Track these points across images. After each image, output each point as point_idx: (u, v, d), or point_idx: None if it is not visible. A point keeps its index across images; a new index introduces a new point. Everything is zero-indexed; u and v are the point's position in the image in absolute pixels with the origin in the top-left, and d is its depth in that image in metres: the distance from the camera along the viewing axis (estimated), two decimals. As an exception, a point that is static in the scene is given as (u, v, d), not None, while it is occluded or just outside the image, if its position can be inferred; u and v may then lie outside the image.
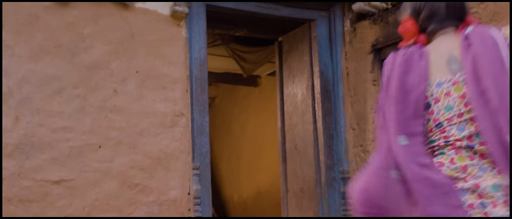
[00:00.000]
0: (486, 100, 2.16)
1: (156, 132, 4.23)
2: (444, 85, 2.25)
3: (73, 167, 3.99)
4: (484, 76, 2.15)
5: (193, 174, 4.32)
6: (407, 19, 2.37)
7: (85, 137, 4.05)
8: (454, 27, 2.34)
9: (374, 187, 2.26)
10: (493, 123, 2.15)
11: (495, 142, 2.15)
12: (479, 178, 2.19)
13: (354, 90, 4.93)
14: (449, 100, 2.24)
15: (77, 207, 3.98)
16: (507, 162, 2.13)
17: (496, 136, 2.15)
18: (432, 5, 2.34)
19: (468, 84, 2.19)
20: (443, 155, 2.24)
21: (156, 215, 4.17)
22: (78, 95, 4.07)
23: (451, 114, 2.24)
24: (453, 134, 2.22)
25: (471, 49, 2.20)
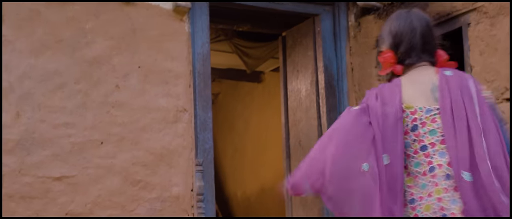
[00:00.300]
0: (457, 137, 2.42)
1: (159, 127, 4.19)
2: (432, 112, 2.47)
3: (74, 163, 3.95)
4: (459, 118, 2.42)
5: (196, 170, 4.27)
6: (386, 51, 2.59)
7: (87, 132, 4.01)
8: (428, 62, 2.59)
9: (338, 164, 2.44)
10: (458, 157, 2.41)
11: (459, 175, 2.39)
12: (448, 210, 2.38)
13: (358, 85, 4.89)
14: (434, 126, 2.45)
15: (79, 203, 3.94)
16: (467, 195, 2.36)
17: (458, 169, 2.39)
18: (410, 41, 2.55)
19: (444, 118, 2.44)
20: (423, 188, 2.42)
21: (158, 211, 4.12)
22: (79, 90, 4.03)
23: (434, 138, 2.45)
24: (435, 159, 2.42)
25: (451, 92, 2.46)
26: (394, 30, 2.60)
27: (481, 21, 4.10)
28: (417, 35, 2.57)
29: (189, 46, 4.38)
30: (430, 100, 2.50)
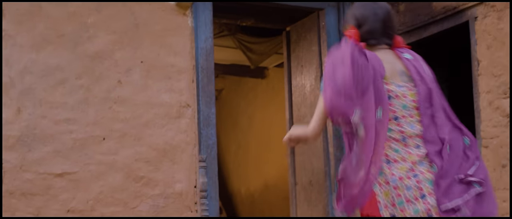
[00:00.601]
0: (430, 111, 2.76)
1: (162, 123, 4.15)
2: (402, 88, 2.76)
3: (76, 160, 3.92)
4: (432, 94, 2.78)
5: (199, 167, 4.24)
6: (351, 28, 2.85)
7: (88, 128, 3.97)
8: (387, 45, 2.86)
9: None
10: (434, 129, 2.74)
11: (433, 144, 2.72)
12: (420, 174, 2.68)
13: None
14: (405, 100, 2.75)
15: (80, 200, 3.90)
16: (440, 158, 2.68)
17: (435, 139, 2.73)
18: (373, 24, 2.84)
19: (418, 95, 2.76)
20: (397, 152, 2.72)
21: (161, 208, 4.09)
22: (81, 86, 3.99)
23: (405, 112, 2.74)
24: (406, 129, 2.72)
25: (418, 71, 2.82)
26: (359, 14, 2.88)
27: (488, 15, 4.04)
28: (378, 20, 2.85)
29: (192, 41, 4.33)
30: (398, 79, 2.77)
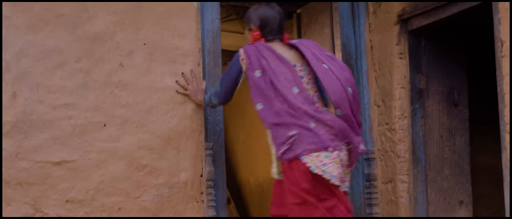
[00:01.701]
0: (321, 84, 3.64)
1: (166, 109, 3.98)
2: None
3: (75, 147, 3.74)
4: (319, 70, 3.60)
5: (206, 155, 4.07)
6: (256, 30, 3.78)
7: (88, 114, 3.79)
8: (279, 39, 3.78)
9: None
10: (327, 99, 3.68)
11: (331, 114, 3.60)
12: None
13: (378, 64, 4.63)
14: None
15: (80, 190, 3.73)
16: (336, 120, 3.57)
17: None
18: (273, 25, 3.75)
19: (309, 74, 3.67)
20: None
21: (166, 198, 3.92)
22: (80, 69, 3.80)
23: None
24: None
25: (307, 53, 3.67)
26: (263, 16, 3.75)
27: (512, -7, 3.79)
28: (277, 22, 3.74)
29: (198, 22, 4.14)
30: (293, 60, 3.66)
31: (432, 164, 4.47)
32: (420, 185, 4.43)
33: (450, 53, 4.61)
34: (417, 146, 4.43)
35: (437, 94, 4.53)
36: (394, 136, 4.45)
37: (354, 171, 4.52)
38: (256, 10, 3.77)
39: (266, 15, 3.73)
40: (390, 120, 4.49)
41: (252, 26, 3.77)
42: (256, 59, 3.64)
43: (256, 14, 3.75)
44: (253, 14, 3.76)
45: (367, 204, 4.57)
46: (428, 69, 4.52)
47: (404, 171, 4.41)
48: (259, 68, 3.62)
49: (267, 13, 3.75)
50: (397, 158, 4.42)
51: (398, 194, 4.42)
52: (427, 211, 4.41)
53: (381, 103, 4.58)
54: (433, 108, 4.51)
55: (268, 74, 3.57)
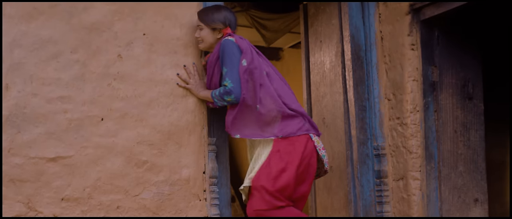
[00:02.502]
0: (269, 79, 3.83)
1: (167, 102, 3.84)
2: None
3: (71, 142, 3.59)
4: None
5: (208, 150, 3.93)
6: (227, 29, 3.87)
7: (85, 108, 3.64)
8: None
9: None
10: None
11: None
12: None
13: (389, 56, 4.47)
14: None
15: (76, 187, 3.59)
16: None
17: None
18: (234, 25, 3.91)
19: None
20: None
21: (166, 196, 3.78)
22: (77, 60, 3.65)
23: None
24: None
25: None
26: (229, 18, 3.86)
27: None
28: (235, 21, 3.90)
29: (200, 12, 3.98)
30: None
31: (446, 160, 4.34)
32: (433, 182, 4.30)
33: (464, 44, 4.46)
34: (430, 141, 4.30)
35: (450, 87, 4.39)
36: (405, 130, 4.31)
37: (364, 167, 4.39)
38: (220, 11, 3.84)
39: (230, 17, 3.87)
40: (402, 114, 4.35)
41: (219, 26, 3.82)
42: (248, 47, 3.77)
43: (221, 15, 3.82)
44: (217, 15, 3.82)
45: (377, 202, 4.44)
46: (441, 61, 4.37)
47: (417, 167, 4.28)
48: (252, 56, 3.75)
49: (231, 15, 3.89)
50: (409, 153, 4.29)
51: (410, 191, 4.29)
52: (440, 210, 4.28)
53: (391, 97, 4.43)
54: (447, 102, 4.38)
55: (260, 62, 3.78)
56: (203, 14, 3.83)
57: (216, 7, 3.87)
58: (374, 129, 4.48)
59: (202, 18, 3.82)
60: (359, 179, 4.41)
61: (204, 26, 3.82)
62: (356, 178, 4.42)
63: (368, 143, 4.47)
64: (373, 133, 4.48)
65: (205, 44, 3.85)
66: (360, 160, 4.42)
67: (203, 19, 3.82)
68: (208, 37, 3.84)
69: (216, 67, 3.77)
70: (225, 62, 3.71)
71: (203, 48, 3.88)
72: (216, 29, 3.84)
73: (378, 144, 4.44)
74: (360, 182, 4.41)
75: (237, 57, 3.71)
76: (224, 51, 3.72)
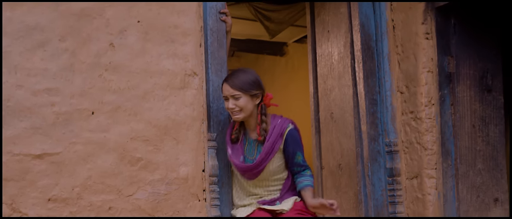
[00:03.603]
0: None
1: (163, 94, 3.64)
2: None
3: (59, 138, 3.39)
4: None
5: (208, 147, 3.74)
6: (268, 95, 3.81)
7: (74, 100, 3.44)
8: None
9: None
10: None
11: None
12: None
13: (401, 46, 4.29)
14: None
15: (64, 187, 3.38)
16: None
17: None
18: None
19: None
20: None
21: (163, 196, 3.58)
22: (65, 49, 3.44)
23: None
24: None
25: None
26: (260, 79, 3.76)
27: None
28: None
29: (200, -2, 3.81)
30: None
31: (464, 157, 4.18)
32: (450, 180, 4.15)
33: (482, 33, 4.29)
34: (447, 136, 4.16)
35: (468, 79, 4.23)
36: (420, 125, 4.17)
37: (375, 165, 4.26)
38: (251, 74, 3.76)
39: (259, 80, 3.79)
40: (416, 108, 4.20)
41: (259, 91, 3.73)
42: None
43: (256, 79, 3.74)
44: (253, 80, 3.73)
45: (389, 202, 4.27)
46: (458, 50, 4.20)
47: (432, 165, 4.13)
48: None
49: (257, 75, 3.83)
50: (424, 150, 4.14)
51: (425, 191, 4.14)
52: (458, 210, 4.14)
53: (404, 89, 4.28)
54: (464, 95, 4.21)
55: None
56: (237, 81, 3.67)
57: (242, 71, 3.75)
58: (386, 124, 4.32)
59: (239, 87, 3.66)
60: (370, 177, 4.24)
61: (242, 95, 3.66)
62: (367, 177, 4.24)
63: (379, 139, 4.30)
64: (385, 128, 4.31)
65: (245, 113, 3.68)
66: (371, 157, 4.26)
67: (240, 88, 3.66)
68: (249, 105, 3.68)
69: (274, 151, 3.73)
70: (299, 149, 3.77)
71: (243, 118, 3.70)
72: (255, 95, 3.70)
73: (390, 140, 4.29)
74: (371, 180, 4.24)
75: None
76: (296, 140, 3.76)
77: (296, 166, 3.78)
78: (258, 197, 3.77)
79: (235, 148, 3.75)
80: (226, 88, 3.66)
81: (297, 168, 3.78)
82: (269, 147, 3.68)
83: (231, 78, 3.67)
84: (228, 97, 3.65)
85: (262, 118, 3.71)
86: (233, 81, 3.65)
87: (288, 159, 3.76)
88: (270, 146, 3.69)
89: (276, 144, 3.70)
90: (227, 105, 3.66)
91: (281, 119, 3.77)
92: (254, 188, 3.78)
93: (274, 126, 3.72)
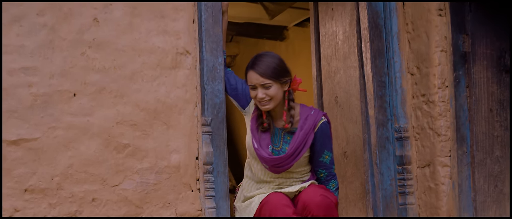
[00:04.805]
0: None
1: (152, 75, 3.40)
2: None
3: (37, 122, 3.14)
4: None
5: (202, 132, 3.50)
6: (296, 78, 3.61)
7: (54, 81, 3.19)
8: None
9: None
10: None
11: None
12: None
13: (412, 23, 4.05)
14: None
15: (43, 176, 3.13)
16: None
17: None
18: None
19: None
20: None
21: (152, 186, 3.34)
22: (44, 25, 3.19)
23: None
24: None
25: None
26: (285, 64, 3.52)
27: None
28: None
29: (193, -31, 3.56)
30: None
31: (480, 143, 3.95)
32: (466, 169, 3.92)
33: (500, 9, 4.03)
34: (462, 121, 3.92)
35: (485, 59, 3.98)
36: (432, 109, 3.93)
37: (384, 153, 4.03)
38: (278, 58, 3.49)
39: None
40: (428, 91, 3.96)
41: (288, 77, 3.48)
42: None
43: (283, 64, 3.49)
44: (281, 65, 3.47)
45: (399, 192, 4.03)
46: (474, 28, 3.95)
47: (446, 152, 3.91)
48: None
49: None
50: (437, 136, 3.91)
51: (438, 180, 3.91)
52: (474, 201, 3.90)
53: (415, 71, 4.04)
54: (481, 76, 3.97)
55: None
56: (266, 69, 3.40)
57: (269, 56, 3.47)
58: (395, 108, 4.08)
59: (269, 75, 3.39)
60: (378, 166, 4.01)
61: (273, 83, 3.40)
62: (375, 165, 4.01)
63: (388, 125, 4.07)
64: (394, 112, 4.08)
65: (276, 102, 3.44)
66: (379, 144, 4.02)
67: (270, 75, 3.39)
68: (279, 93, 3.43)
69: (307, 143, 3.48)
70: (328, 147, 3.54)
71: (271, 108, 3.45)
72: (285, 82, 3.45)
73: (400, 126, 4.06)
74: (379, 169, 4.01)
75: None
76: (328, 135, 3.53)
77: (320, 167, 3.55)
78: (277, 187, 3.53)
79: (262, 138, 3.50)
80: (254, 76, 3.38)
81: (322, 169, 3.56)
82: (302, 137, 3.44)
83: (259, 65, 3.40)
84: (256, 86, 3.39)
85: (290, 104, 3.48)
86: (262, 69, 3.39)
87: (313, 157, 3.53)
88: (303, 136, 3.44)
89: (309, 135, 3.45)
90: (256, 95, 3.39)
91: (315, 110, 3.53)
92: (274, 178, 3.53)
93: (307, 116, 3.48)
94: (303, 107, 3.53)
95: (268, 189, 3.51)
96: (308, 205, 3.32)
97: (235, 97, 3.63)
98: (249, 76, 3.40)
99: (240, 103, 3.64)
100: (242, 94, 3.62)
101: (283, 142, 3.49)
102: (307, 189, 3.41)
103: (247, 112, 3.62)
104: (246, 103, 3.62)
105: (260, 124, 3.51)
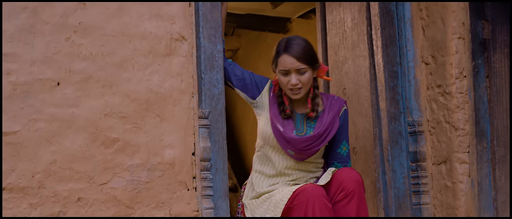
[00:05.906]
0: None
1: (144, 62, 3.24)
2: None
3: (16, 114, 2.97)
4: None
5: (199, 125, 3.34)
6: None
7: (35, 68, 3.02)
8: None
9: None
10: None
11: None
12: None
13: (426, 9, 3.91)
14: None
15: (23, 173, 2.96)
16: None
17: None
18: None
19: None
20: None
21: (144, 184, 3.18)
22: (24, 7, 3.01)
23: None
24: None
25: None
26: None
27: None
28: None
29: None
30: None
31: (501, 138, 3.81)
32: (486, 166, 3.79)
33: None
34: (481, 114, 3.80)
35: (506, 46, 3.82)
36: (449, 101, 3.80)
37: (396, 148, 3.92)
38: (308, 42, 3.41)
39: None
40: (444, 81, 3.83)
41: (318, 62, 3.45)
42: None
43: (312, 48, 3.42)
44: (312, 49, 3.40)
45: (413, 191, 3.90)
46: (494, 13, 3.80)
47: (464, 147, 3.79)
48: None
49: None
50: (454, 130, 3.79)
51: (455, 178, 3.79)
52: (495, 201, 3.77)
53: (430, 60, 3.90)
54: (502, 65, 3.82)
55: None
56: (303, 52, 3.34)
57: (301, 39, 3.42)
58: (409, 100, 3.96)
59: (306, 59, 3.34)
60: (390, 162, 3.88)
61: (308, 68, 3.36)
62: (386, 162, 3.88)
63: (401, 118, 3.95)
64: (407, 105, 3.95)
65: (306, 89, 3.40)
66: (391, 139, 3.90)
67: (307, 60, 3.34)
68: (311, 80, 3.41)
69: (334, 127, 3.46)
70: (347, 138, 3.54)
71: (302, 96, 3.41)
72: (316, 68, 3.44)
73: (414, 119, 3.93)
74: (391, 166, 3.88)
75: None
76: (347, 125, 3.56)
77: (337, 159, 3.52)
78: (292, 182, 3.42)
79: (285, 123, 3.41)
80: (289, 60, 3.31)
81: (338, 162, 3.51)
82: (331, 118, 3.42)
83: (294, 48, 3.33)
84: (290, 71, 3.31)
85: (315, 92, 3.44)
86: (298, 52, 3.32)
87: (331, 148, 3.49)
88: (332, 118, 3.42)
89: (336, 118, 3.45)
90: (289, 80, 3.32)
91: (337, 97, 3.54)
92: (292, 170, 3.44)
93: (331, 102, 3.47)
94: (323, 94, 3.53)
95: (284, 183, 3.41)
96: (344, 180, 3.26)
97: (243, 88, 3.49)
98: (282, 60, 3.32)
99: (250, 94, 3.51)
100: (251, 84, 3.50)
101: (307, 126, 3.43)
102: (339, 170, 3.36)
103: (258, 101, 3.50)
104: (257, 92, 3.50)
105: (282, 110, 3.41)
